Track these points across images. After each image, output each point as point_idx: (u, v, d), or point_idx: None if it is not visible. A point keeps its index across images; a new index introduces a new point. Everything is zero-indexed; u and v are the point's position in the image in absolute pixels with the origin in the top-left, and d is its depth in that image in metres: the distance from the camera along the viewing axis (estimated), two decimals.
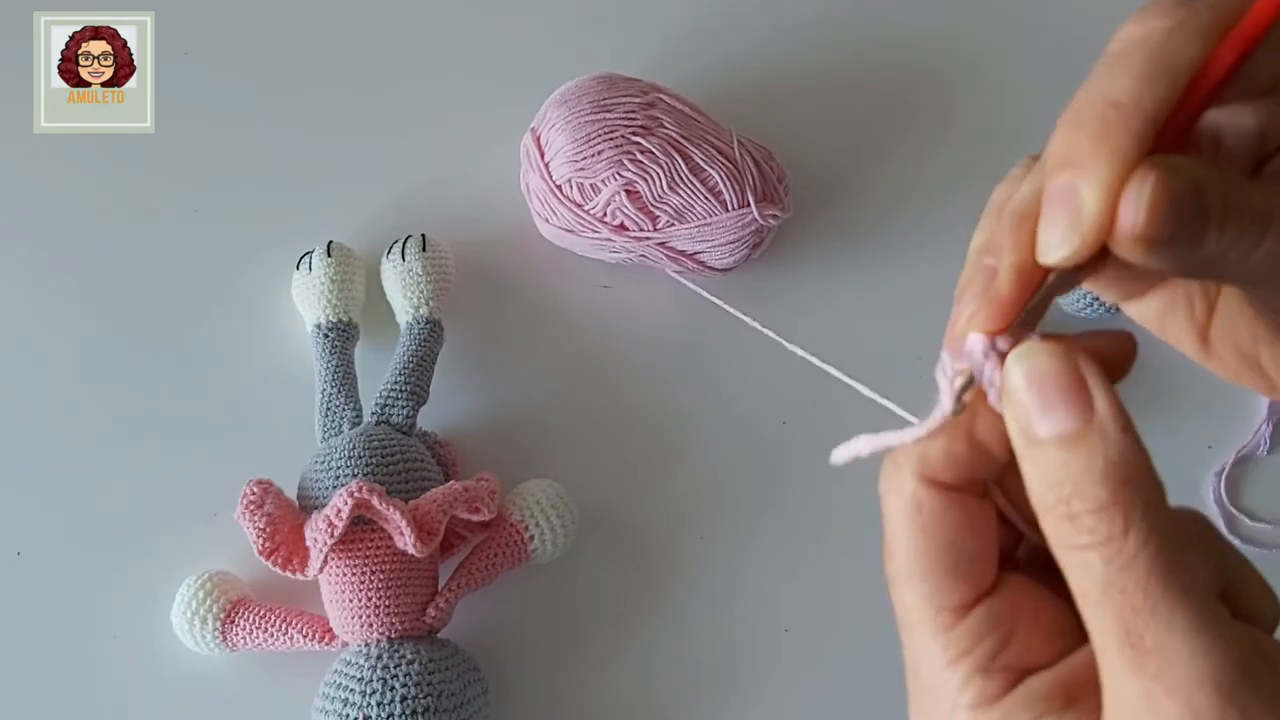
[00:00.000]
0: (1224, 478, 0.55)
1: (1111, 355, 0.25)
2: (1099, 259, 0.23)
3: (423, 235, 0.56)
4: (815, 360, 0.51)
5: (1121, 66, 0.23)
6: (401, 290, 0.55)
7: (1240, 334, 0.30)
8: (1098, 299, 0.55)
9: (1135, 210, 0.22)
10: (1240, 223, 0.22)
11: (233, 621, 0.50)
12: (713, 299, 0.56)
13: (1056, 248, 0.23)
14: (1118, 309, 0.56)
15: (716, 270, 0.56)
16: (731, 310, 0.55)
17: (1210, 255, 0.23)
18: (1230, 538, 0.54)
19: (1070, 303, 0.57)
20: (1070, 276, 0.24)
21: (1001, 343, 0.24)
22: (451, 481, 0.50)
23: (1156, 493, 0.22)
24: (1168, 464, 0.22)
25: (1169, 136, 0.23)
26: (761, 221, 0.54)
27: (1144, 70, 0.23)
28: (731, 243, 0.54)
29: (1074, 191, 0.23)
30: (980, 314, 0.24)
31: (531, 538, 0.51)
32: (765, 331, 0.54)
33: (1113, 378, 0.24)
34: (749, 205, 0.54)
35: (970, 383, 0.24)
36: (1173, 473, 0.22)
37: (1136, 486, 0.22)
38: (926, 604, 0.24)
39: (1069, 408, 0.23)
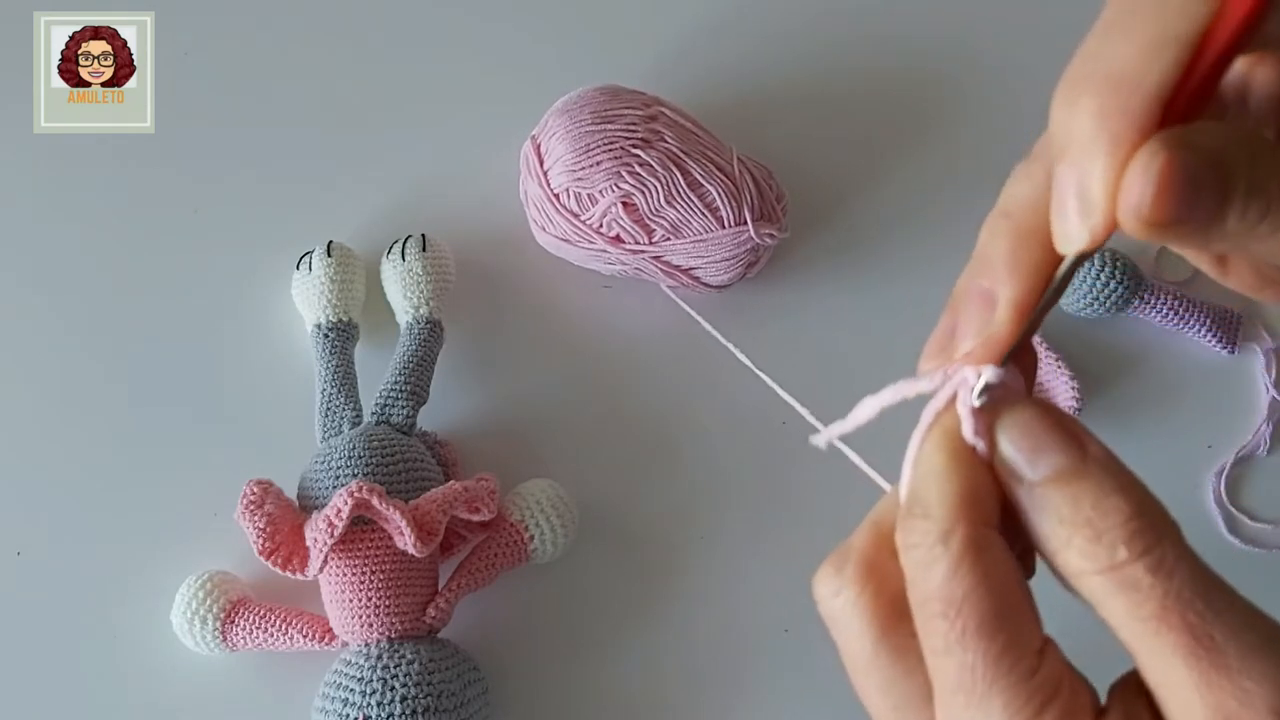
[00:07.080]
0: (1224, 478, 0.55)
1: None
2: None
3: (423, 235, 0.56)
4: (782, 392, 0.52)
5: (1121, 30, 0.21)
6: (401, 290, 0.55)
7: (1259, 259, 0.28)
8: (1097, 299, 0.55)
9: (1140, 192, 0.20)
10: (1264, 200, 0.20)
11: (233, 621, 0.50)
12: (696, 316, 0.56)
13: (1074, 240, 0.22)
14: (1118, 310, 0.56)
15: (711, 287, 0.56)
16: (710, 329, 0.56)
17: (1232, 232, 0.21)
18: (1230, 538, 0.54)
19: (1070, 303, 0.57)
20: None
21: (988, 374, 0.24)
22: (451, 481, 0.50)
23: (1162, 506, 0.22)
24: (1168, 464, 0.23)
25: (1182, 104, 0.21)
26: (757, 240, 0.54)
27: (1148, 36, 0.20)
28: (727, 260, 0.54)
29: (1078, 184, 0.21)
30: (977, 353, 0.24)
31: (531, 538, 0.51)
32: (740, 356, 0.55)
33: None
34: (745, 223, 0.53)
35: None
36: (1173, 473, 0.22)
37: (1152, 502, 0.22)
38: (1005, 654, 0.22)
39: (1065, 446, 0.23)
